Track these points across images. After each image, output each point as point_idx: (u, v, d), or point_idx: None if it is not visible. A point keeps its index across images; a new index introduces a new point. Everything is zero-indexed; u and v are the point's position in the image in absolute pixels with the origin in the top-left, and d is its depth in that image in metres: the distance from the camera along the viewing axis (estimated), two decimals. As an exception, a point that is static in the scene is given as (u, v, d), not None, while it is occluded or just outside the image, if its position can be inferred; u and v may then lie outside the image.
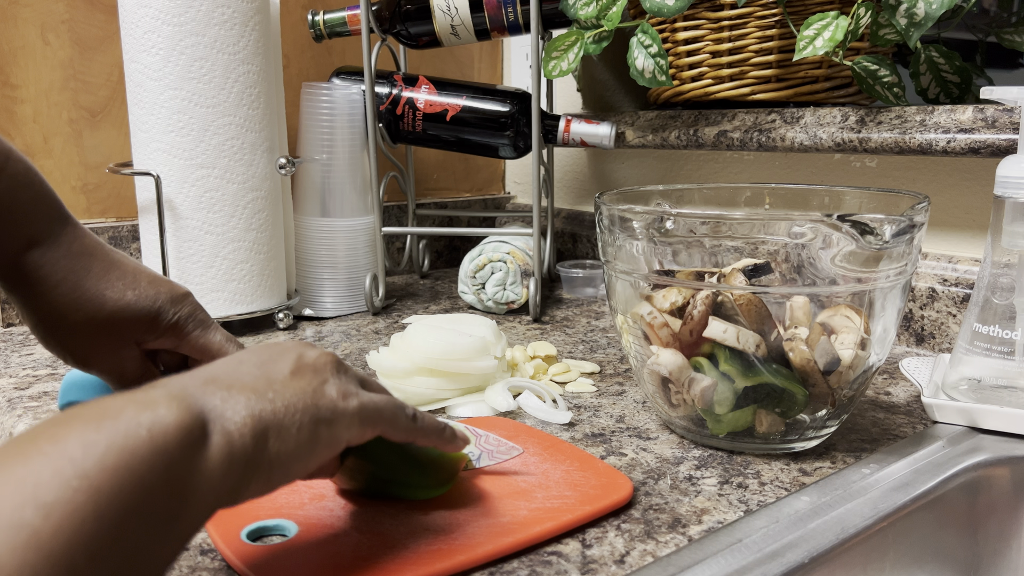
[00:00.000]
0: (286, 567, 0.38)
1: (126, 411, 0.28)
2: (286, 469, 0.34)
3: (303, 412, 0.35)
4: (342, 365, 0.39)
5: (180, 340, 0.50)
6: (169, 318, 0.49)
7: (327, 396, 0.36)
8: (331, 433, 0.36)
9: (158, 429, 0.28)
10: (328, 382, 0.37)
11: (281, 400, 0.34)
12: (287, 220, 0.88)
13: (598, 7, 0.82)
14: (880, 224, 0.45)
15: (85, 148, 0.90)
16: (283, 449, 0.34)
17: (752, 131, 0.85)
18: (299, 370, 0.36)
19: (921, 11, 0.69)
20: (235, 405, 0.33)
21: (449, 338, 0.62)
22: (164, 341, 0.49)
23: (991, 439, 0.55)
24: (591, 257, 1.11)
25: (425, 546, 0.40)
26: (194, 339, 0.50)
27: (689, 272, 0.51)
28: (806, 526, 0.44)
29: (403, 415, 0.40)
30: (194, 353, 0.50)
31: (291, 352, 0.37)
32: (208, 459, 0.30)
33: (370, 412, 0.38)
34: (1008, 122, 0.67)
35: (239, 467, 0.32)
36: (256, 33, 0.78)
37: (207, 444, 0.30)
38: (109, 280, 0.47)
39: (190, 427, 0.30)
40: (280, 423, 0.34)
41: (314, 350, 0.38)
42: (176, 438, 0.29)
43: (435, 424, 0.42)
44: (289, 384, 0.35)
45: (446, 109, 0.92)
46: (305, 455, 0.35)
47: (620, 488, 0.46)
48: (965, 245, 0.75)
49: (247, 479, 0.32)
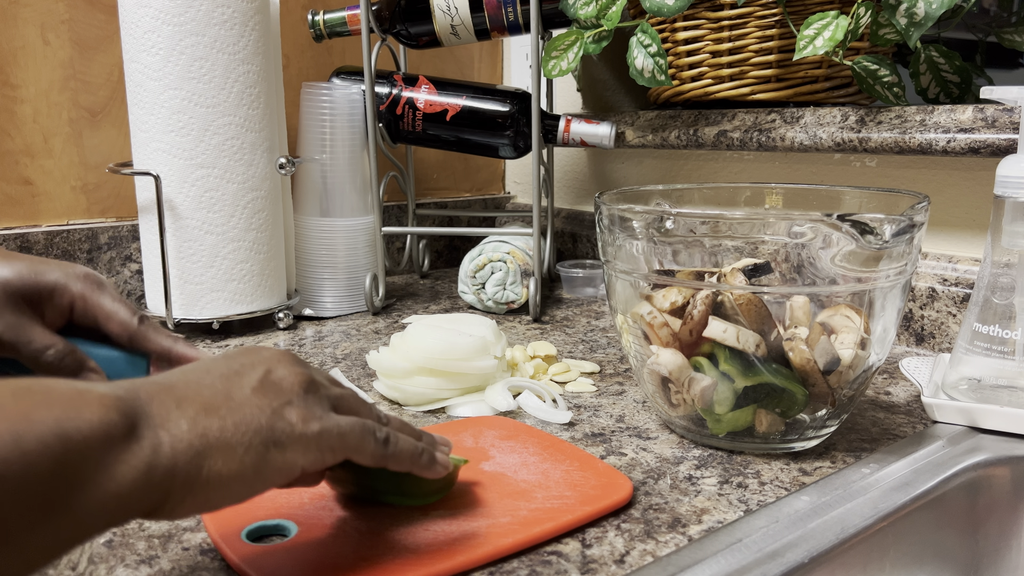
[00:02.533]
0: (286, 567, 0.38)
1: (65, 396, 0.29)
2: (228, 490, 0.33)
3: (255, 433, 0.33)
4: (313, 384, 0.37)
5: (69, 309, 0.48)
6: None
7: (285, 418, 0.35)
8: (283, 458, 0.34)
9: (74, 419, 0.28)
10: (291, 403, 0.35)
11: (232, 418, 0.33)
12: (287, 220, 0.88)
13: (598, 7, 0.82)
14: (880, 224, 0.45)
15: (85, 148, 0.90)
16: (225, 470, 0.32)
17: (752, 131, 0.85)
18: (263, 387, 0.35)
19: (921, 11, 0.69)
20: (179, 419, 0.32)
21: (449, 338, 0.62)
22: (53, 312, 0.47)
23: (991, 439, 0.55)
24: (591, 257, 1.11)
25: (425, 546, 0.40)
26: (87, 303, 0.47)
27: (689, 272, 0.51)
28: (806, 526, 0.44)
29: (371, 441, 0.38)
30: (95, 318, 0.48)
31: (260, 366, 0.36)
32: (124, 462, 0.29)
33: (331, 438, 0.36)
34: (1008, 122, 0.67)
35: (165, 481, 0.31)
36: (256, 33, 0.78)
37: (129, 449, 0.30)
38: None
39: (112, 427, 0.29)
40: (226, 443, 0.32)
41: (286, 366, 0.37)
42: (88, 432, 0.28)
43: (410, 449, 0.39)
44: (248, 401, 0.34)
45: (446, 109, 0.92)
46: (251, 478, 0.33)
47: (620, 488, 0.46)
48: (965, 245, 0.75)
49: (179, 495, 0.31)
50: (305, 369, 0.37)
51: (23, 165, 0.87)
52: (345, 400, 0.39)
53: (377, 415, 0.40)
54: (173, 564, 0.40)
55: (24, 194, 0.87)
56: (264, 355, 0.37)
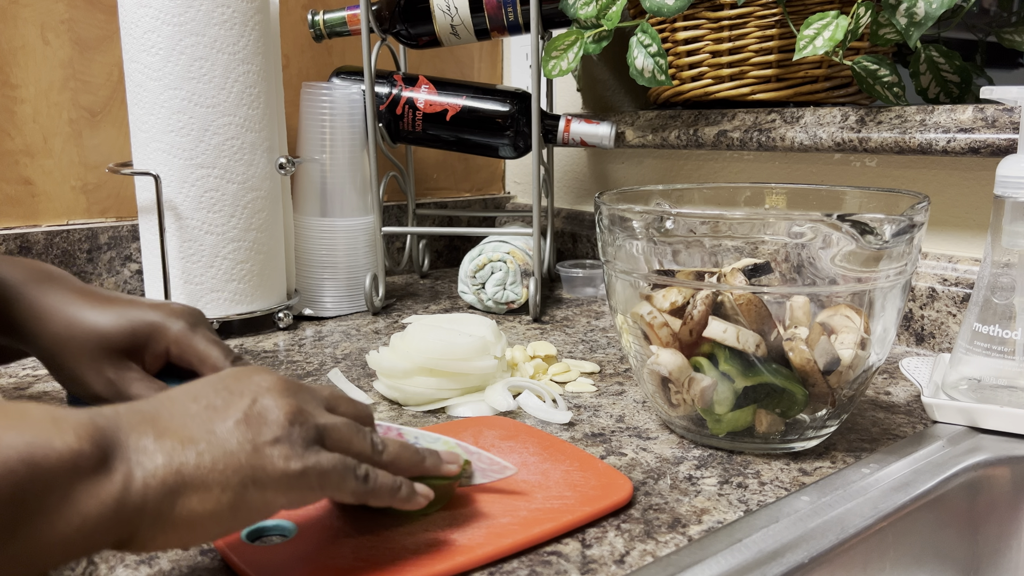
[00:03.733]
0: (286, 567, 0.38)
1: (40, 421, 0.29)
2: (203, 529, 0.32)
3: (234, 472, 0.32)
4: (300, 416, 0.35)
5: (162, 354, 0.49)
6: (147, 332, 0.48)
7: (266, 456, 0.33)
8: (262, 497, 0.33)
9: (43, 446, 0.28)
10: (275, 439, 0.34)
11: (211, 454, 0.32)
12: (287, 220, 0.88)
13: (598, 7, 0.82)
14: (880, 224, 0.45)
15: (85, 148, 0.90)
16: (199, 509, 0.31)
17: (752, 131, 0.85)
18: (247, 419, 0.34)
19: (921, 11, 0.69)
20: (156, 452, 0.31)
21: (449, 338, 0.62)
22: (151, 357, 0.49)
23: (991, 439, 0.55)
24: (591, 257, 1.10)
25: (424, 546, 0.40)
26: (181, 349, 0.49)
27: (689, 272, 0.51)
28: (806, 526, 0.44)
29: (352, 480, 0.36)
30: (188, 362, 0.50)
31: (246, 396, 0.35)
32: (91, 495, 0.29)
33: (311, 478, 0.35)
34: (1008, 122, 0.67)
35: (134, 517, 0.30)
36: (256, 33, 0.78)
37: (98, 482, 0.29)
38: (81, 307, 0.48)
39: (81, 457, 0.29)
40: (202, 480, 0.32)
41: (274, 397, 0.35)
42: (56, 460, 0.28)
43: (388, 485, 0.38)
44: (230, 435, 0.33)
45: (446, 109, 0.92)
46: (226, 517, 0.32)
47: (620, 488, 0.46)
48: (965, 245, 0.75)
49: (150, 532, 0.31)
50: (294, 399, 0.36)
51: (23, 165, 0.87)
52: (335, 431, 0.37)
53: (372, 442, 0.39)
54: (173, 564, 0.40)
55: (24, 194, 0.87)
56: (255, 382, 0.36)
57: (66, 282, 0.50)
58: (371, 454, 0.38)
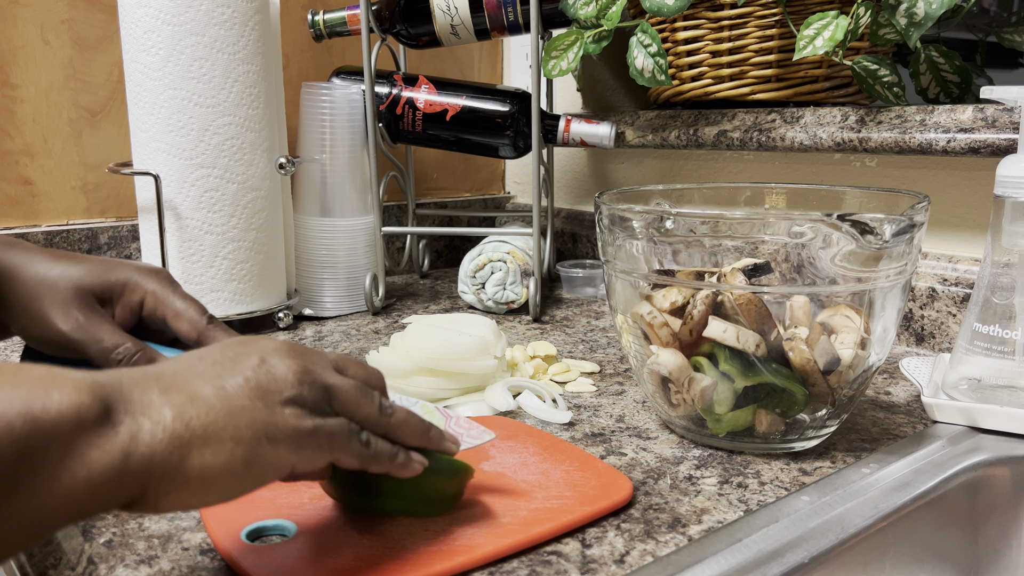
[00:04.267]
0: (285, 567, 0.38)
1: (37, 377, 0.28)
2: (216, 485, 0.31)
3: (247, 426, 0.32)
4: (308, 375, 0.35)
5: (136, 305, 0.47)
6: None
7: (278, 412, 0.33)
8: (275, 453, 0.33)
9: (42, 399, 0.27)
10: (286, 397, 0.34)
11: (223, 409, 0.32)
12: (287, 220, 0.88)
13: (597, 7, 0.82)
14: (880, 224, 0.45)
15: (85, 148, 0.90)
16: (212, 463, 0.31)
17: (752, 131, 0.85)
18: (256, 378, 0.34)
19: (921, 11, 0.69)
20: (163, 406, 0.30)
21: (449, 338, 0.62)
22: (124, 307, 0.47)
23: (991, 439, 0.55)
24: (591, 257, 1.10)
25: (424, 547, 0.40)
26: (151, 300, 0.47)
27: (689, 272, 0.51)
28: (806, 526, 0.44)
29: (356, 442, 0.36)
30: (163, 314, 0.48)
31: (254, 355, 0.34)
32: (96, 447, 0.28)
33: (322, 438, 0.35)
34: (1008, 122, 0.67)
35: (143, 471, 0.29)
36: (256, 33, 0.78)
37: (102, 433, 0.28)
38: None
39: (84, 409, 0.28)
40: (215, 434, 0.31)
41: (282, 357, 0.35)
42: (56, 413, 0.27)
43: (388, 451, 0.38)
44: (240, 392, 0.33)
45: (446, 109, 0.92)
46: (240, 473, 0.32)
47: (620, 489, 0.46)
48: (965, 245, 0.75)
49: (161, 487, 0.30)
50: (301, 360, 0.36)
51: (23, 165, 0.87)
52: (343, 392, 0.37)
53: (380, 404, 0.38)
54: (173, 564, 0.40)
55: (24, 194, 0.87)
56: (260, 344, 0.36)
57: (32, 246, 0.48)
58: (379, 417, 0.38)
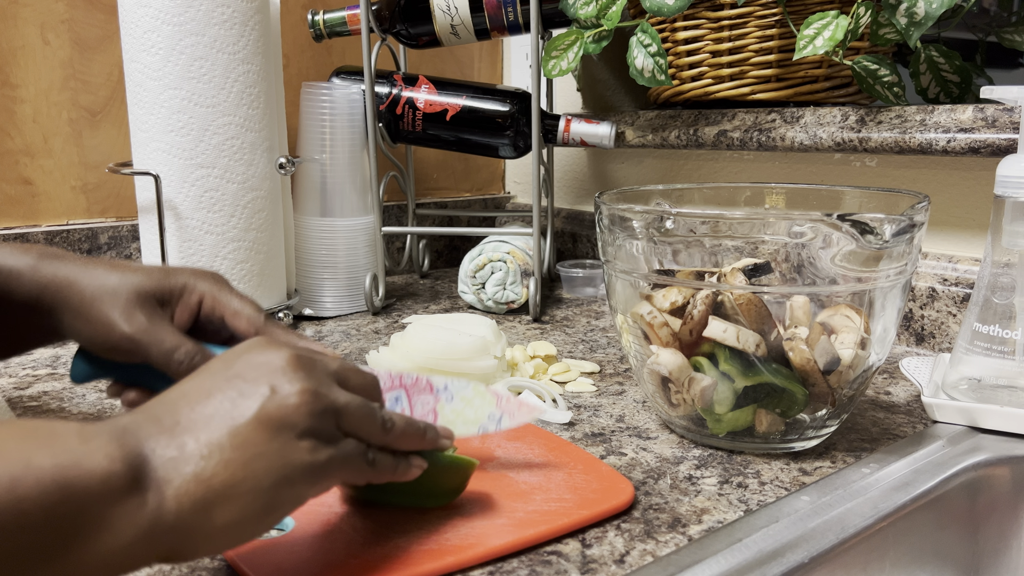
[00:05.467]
0: (282, 563, 0.38)
1: (69, 441, 0.28)
2: (243, 532, 0.32)
3: (265, 474, 0.32)
4: (318, 399, 0.35)
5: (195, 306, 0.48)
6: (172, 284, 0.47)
7: (294, 451, 0.33)
8: (293, 493, 0.34)
9: (75, 467, 0.28)
10: (302, 432, 0.34)
11: (239, 459, 0.32)
12: (287, 220, 0.88)
13: (598, 6, 0.82)
14: (880, 223, 0.45)
15: (85, 148, 0.90)
16: (235, 516, 0.31)
17: (752, 131, 0.85)
18: (269, 415, 0.33)
19: (921, 10, 0.69)
20: (183, 464, 0.31)
21: (449, 338, 0.62)
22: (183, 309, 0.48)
23: (991, 439, 0.55)
24: (591, 257, 1.10)
25: (417, 545, 0.40)
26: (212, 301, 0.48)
27: (689, 272, 0.51)
28: (806, 526, 0.44)
29: (364, 464, 0.37)
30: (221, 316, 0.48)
31: (262, 383, 0.34)
32: (125, 517, 0.29)
33: (336, 467, 0.35)
34: (1008, 121, 0.66)
35: (170, 533, 0.30)
36: (256, 33, 0.78)
37: (131, 502, 0.29)
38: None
39: (114, 478, 0.28)
40: (234, 489, 0.31)
41: (291, 381, 0.34)
42: (89, 483, 0.28)
43: (390, 465, 0.39)
44: (254, 434, 0.32)
45: (446, 109, 0.92)
46: (262, 517, 0.33)
47: (620, 492, 0.46)
48: (965, 245, 0.75)
49: (192, 543, 0.31)
50: (309, 381, 0.35)
51: (23, 165, 0.87)
52: (349, 414, 0.37)
53: (382, 421, 0.38)
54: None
55: (24, 194, 0.87)
56: (267, 364, 0.35)
57: (81, 257, 0.48)
58: (382, 434, 0.38)
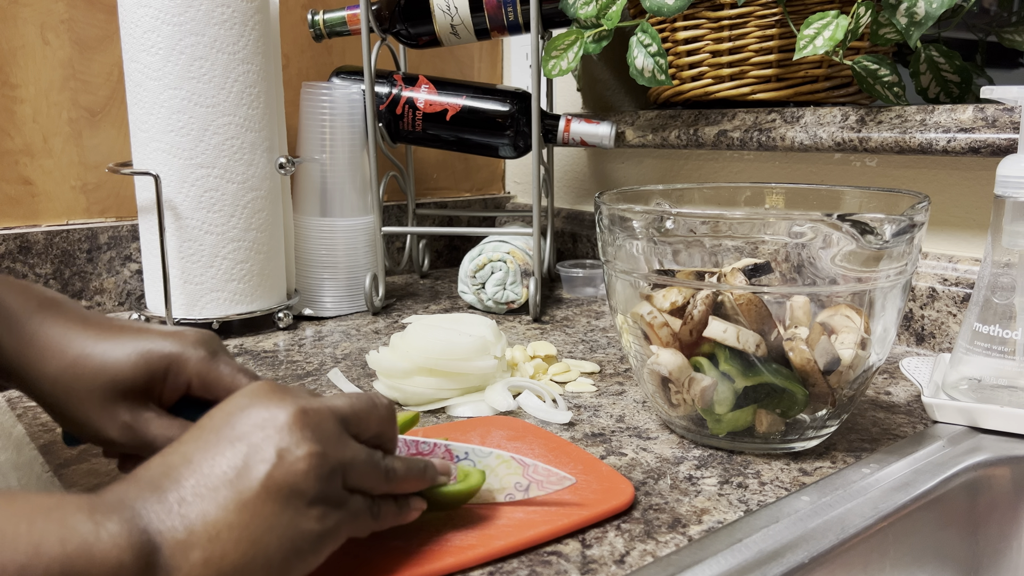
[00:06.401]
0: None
1: (81, 527, 0.28)
2: None
3: (276, 550, 0.32)
4: (325, 462, 0.34)
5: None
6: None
7: (302, 521, 0.33)
8: (303, 563, 0.33)
9: (85, 557, 0.27)
10: (308, 500, 0.33)
11: (248, 538, 0.31)
12: (287, 220, 0.88)
13: (598, 6, 0.82)
14: (880, 224, 0.45)
15: (85, 148, 0.90)
16: None
17: (752, 131, 0.85)
18: (275, 482, 0.32)
19: (921, 10, 0.69)
20: (191, 550, 0.30)
21: (449, 338, 0.62)
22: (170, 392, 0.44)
23: (991, 439, 0.55)
24: (591, 257, 1.10)
25: (417, 546, 0.40)
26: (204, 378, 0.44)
27: (689, 272, 0.51)
28: (806, 526, 0.44)
29: (368, 519, 0.37)
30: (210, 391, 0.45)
31: (266, 447, 0.33)
32: None
33: (343, 529, 0.35)
34: (1008, 121, 0.66)
35: None
36: (256, 33, 0.78)
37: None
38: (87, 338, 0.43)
39: (121, 569, 0.28)
40: (245, 568, 0.31)
41: (296, 441, 0.33)
42: (100, 573, 0.27)
43: (393, 513, 0.38)
44: (262, 508, 0.32)
45: (446, 109, 0.92)
46: None
47: (620, 493, 0.46)
48: (965, 245, 0.75)
49: None
50: (316, 442, 0.34)
51: (23, 165, 0.87)
52: (354, 472, 0.36)
53: (385, 471, 0.38)
54: (173, 564, 0.40)
55: (24, 194, 0.87)
56: (270, 422, 0.34)
57: (68, 310, 0.44)
58: (385, 485, 0.38)
